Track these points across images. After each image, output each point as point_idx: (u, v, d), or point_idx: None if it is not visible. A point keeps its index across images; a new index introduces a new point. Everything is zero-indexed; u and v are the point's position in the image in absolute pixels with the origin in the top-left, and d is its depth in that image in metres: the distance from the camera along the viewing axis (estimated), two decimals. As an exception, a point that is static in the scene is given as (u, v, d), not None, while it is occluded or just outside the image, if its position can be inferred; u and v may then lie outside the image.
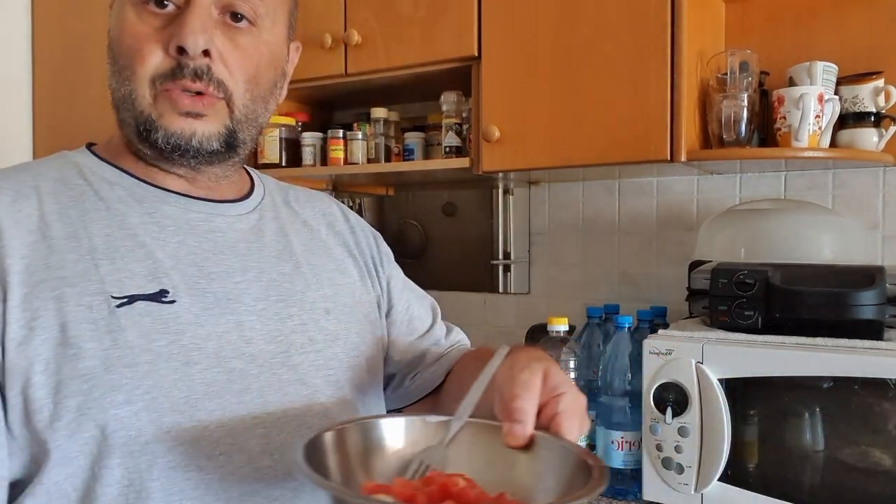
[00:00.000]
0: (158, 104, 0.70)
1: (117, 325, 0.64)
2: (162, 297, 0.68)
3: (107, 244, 0.68)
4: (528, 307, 1.84)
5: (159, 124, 0.70)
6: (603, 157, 1.35)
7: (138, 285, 0.67)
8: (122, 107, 0.72)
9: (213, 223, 0.75)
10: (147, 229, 0.71)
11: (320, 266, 0.82)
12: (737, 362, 1.14)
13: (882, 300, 1.11)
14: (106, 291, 0.65)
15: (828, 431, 1.13)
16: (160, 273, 0.69)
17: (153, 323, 0.66)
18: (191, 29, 0.68)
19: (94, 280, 0.66)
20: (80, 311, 0.64)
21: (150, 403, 0.63)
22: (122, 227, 0.70)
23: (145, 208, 0.72)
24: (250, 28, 0.72)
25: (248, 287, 0.74)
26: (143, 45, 0.69)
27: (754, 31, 1.51)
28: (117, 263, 0.67)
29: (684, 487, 1.16)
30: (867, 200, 1.47)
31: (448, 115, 1.61)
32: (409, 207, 2.00)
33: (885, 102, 1.35)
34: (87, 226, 0.69)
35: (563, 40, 1.38)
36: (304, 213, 0.87)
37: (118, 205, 0.72)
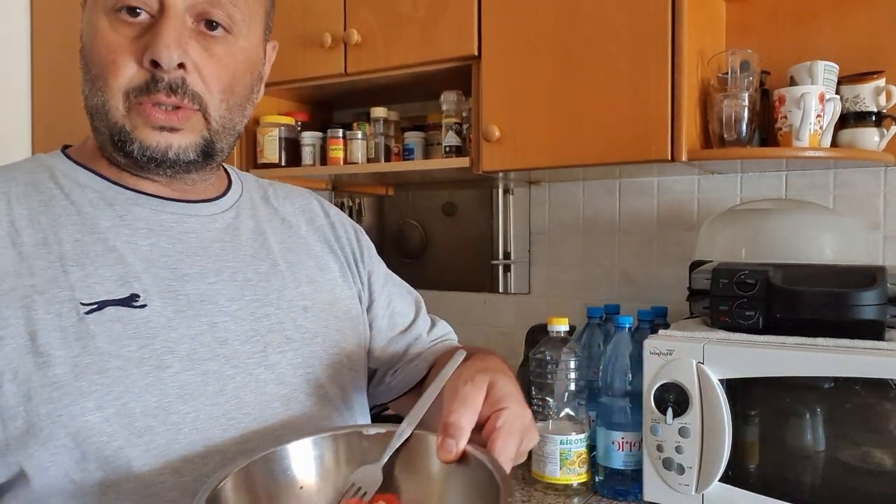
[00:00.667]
0: (132, 117, 0.69)
1: (86, 332, 0.64)
2: (133, 301, 0.67)
3: (77, 250, 0.67)
4: (528, 307, 1.83)
5: (134, 136, 0.69)
6: (603, 156, 1.35)
7: (108, 290, 0.66)
8: (96, 116, 0.70)
9: (187, 224, 0.75)
10: (118, 233, 0.70)
11: (298, 263, 0.81)
12: (738, 362, 1.13)
13: (883, 300, 1.11)
14: (75, 298, 0.65)
15: (829, 432, 1.13)
16: (131, 277, 0.68)
17: (124, 328, 0.65)
18: (165, 43, 0.66)
19: (63, 287, 0.65)
20: (50, 318, 0.63)
21: (121, 409, 0.63)
22: (92, 232, 0.69)
23: (117, 211, 0.72)
24: (226, 36, 0.71)
25: (223, 288, 0.73)
26: (117, 56, 0.67)
27: (755, 31, 1.51)
28: (87, 269, 0.67)
29: (685, 488, 1.16)
30: (868, 200, 1.47)
31: (448, 114, 1.61)
32: (409, 207, 2.00)
33: (886, 102, 1.35)
34: (57, 231, 0.68)
35: (563, 40, 1.38)
36: (284, 209, 0.86)
37: (89, 208, 0.71)
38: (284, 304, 0.77)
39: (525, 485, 1.34)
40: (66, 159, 0.75)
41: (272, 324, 0.74)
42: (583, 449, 1.32)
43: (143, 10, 0.67)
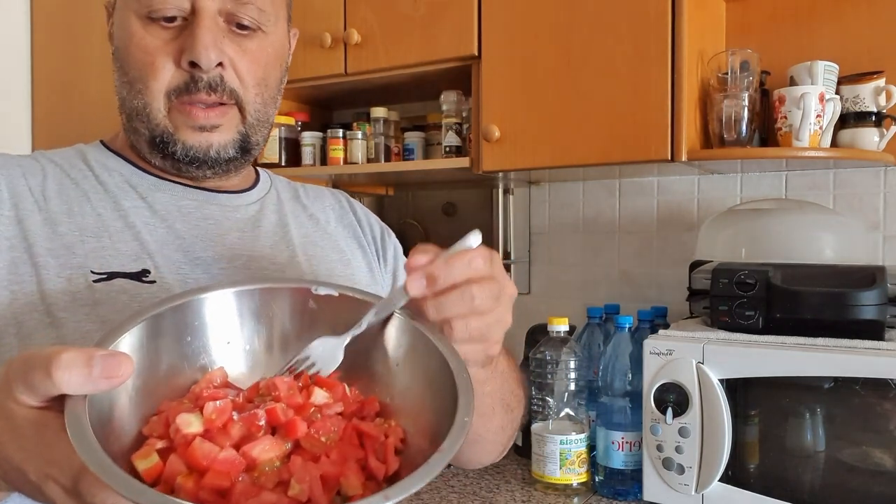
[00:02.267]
0: (173, 117, 0.71)
1: (92, 299, 0.66)
2: (143, 276, 0.69)
3: (97, 223, 0.70)
4: (528, 307, 1.83)
5: (177, 137, 0.72)
6: (603, 156, 1.35)
7: (121, 264, 0.69)
8: (136, 118, 0.73)
9: (206, 211, 0.77)
10: (138, 213, 0.73)
11: (319, 257, 0.83)
12: (737, 362, 1.13)
13: (883, 300, 1.11)
14: (86, 266, 0.67)
15: (828, 432, 1.13)
16: (144, 255, 0.70)
17: (129, 300, 0.67)
18: (203, 44, 0.69)
19: (78, 255, 0.68)
20: (60, 282, 0.66)
21: None
22: (114, 209, 0.72)
23: (140, 193, 0.75)
24: (256, 33, 0.73)
25: (235, 274, 0.74)
26: (155, 58, 0.70)
27: (755, 31, 1.51)
28: (103, 241, 0.69)
29: (685, 488, 1.16)
30: (868, 200, 1.47)
31: (448, 114, 1.61)
32: (409, 207, 2.00)
33: (885, 102, 1.35)
34: (82, 204, 0.71)
35: (563, 40, 1.38)
36: (313, 206, 0.88)
37: (114, 189, 0.74)
38: None
39: (525, 484, 1.34)
40: (101, 147, 0.79)
41: None
42: (583, 449, 1.32)
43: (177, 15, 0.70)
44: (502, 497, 1.28)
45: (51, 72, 2.24)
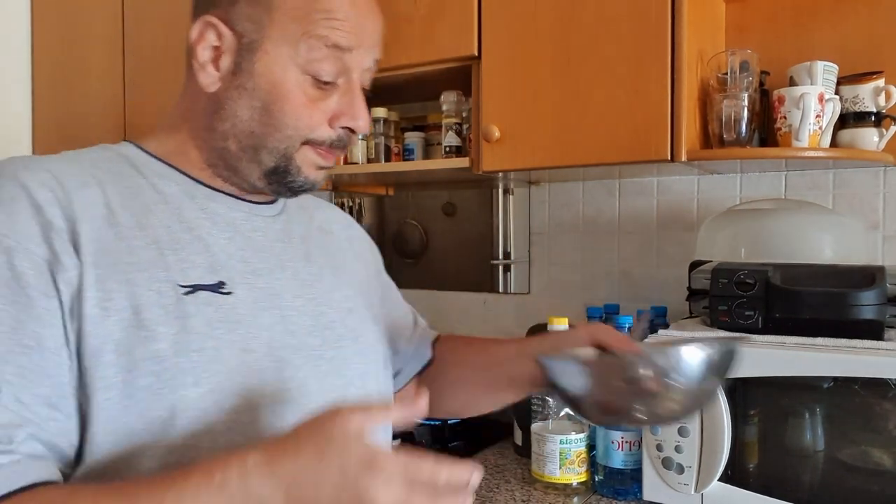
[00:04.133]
0: (302, 154, 0.78)
1: (185, 312, 0.69)
2: (220, 288, 0.73)
3: (168, 235, 0.72)
4: (528, 307, 1.84)
5: (300, 172, 0.78)
6: (603, 156, 1.35)
7: (200, 276, 0.72)
8: (265, 151, 0.77)
9: (254, 222, 0.81)
10: (201, 224, 0.76)
11: (339, 269, 0.89)
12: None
13: (882, 300, 1.11)
14: (173, 279, 0.70)
15: (828, 432, 1.13)
16: (217, 266, 0.74)
17: (214, 312, 0.71)
18: (361, 115, 0.78)
19: (160, 268, 0.70)
20: (151, 295, 0.68)
21: (214, 387, 0.68)
22: (179, 221, 0.75)
23: (198, 204, 0.78)
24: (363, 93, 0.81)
25: (287, 284, 0.80)
26: (314, 114, 0.76)
27: (754, 31, 1.51)
28: (180, 254, 0.72)
29: (684, 487, 1.16)
30: (868, 200, 1.47)
31: (448, 114, 1.61)
32: (409, 207, 2.00)
33: (885, 102, 1.35)
34: (148, 216, 0.73)
35: (563, 40, 1.38)
36: (318, 218, 0.93)
37: (173, 199, 0.76)
38: (334, 304, 0.84)
39: (525, 484, 1.34)
40: (143, 153, 0.79)
41: (327, 321, 0.81)
42: (582, 448, 1.32)
43: (334, 81, 0.77)
44: (502, 496, 1.28)
45: (51, 72, 2.24)
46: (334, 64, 0.76)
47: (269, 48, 0.75)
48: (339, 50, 0.75)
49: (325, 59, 0.75)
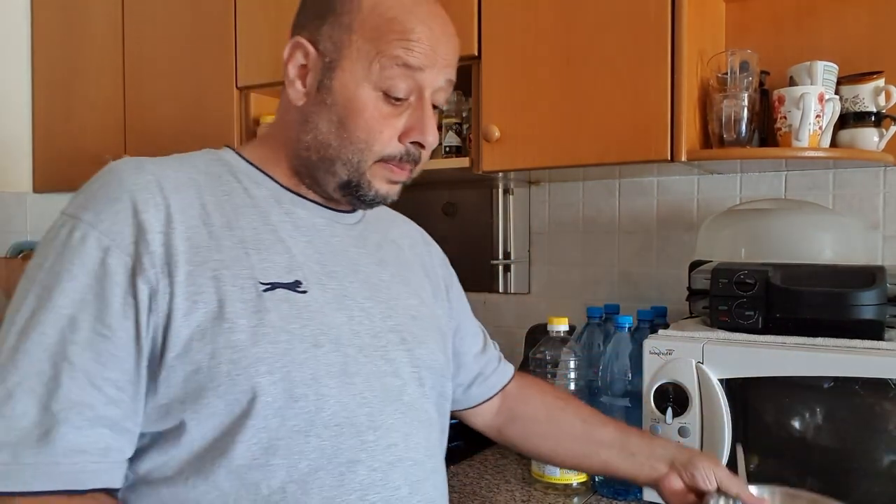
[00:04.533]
0: (374, 170, 0.84)
1: (263, 307, 0.76)
2: (296, 287, 0.79)
3: (254, 237, 0.80)
4: (528, 307, 1.84)
5: (372, 186, 0.85)
6: (603, 157, 1.35)
7: (278, 275, 0.79)
8: (340, 163, 0.84)
9: (334, 228, 0.89)
10: (284, 227, 0.83)
11: (407, 278, 0.95)
12: (737, 362, 1.13)
13: (882, 300, 1.11)
14: (255, 277, 0.77)
15: (828, 432, 1.13)
16: (295, 266, 0.81)
17: (290, 308, 0.77)
18: (431, 131, 0.84)
19: (245, 266, 0.77)
20: (235, 291, 0.75)
21: (285, 376, 0.74)
22: (265, 223, 0.82)
23: (284, 209, 0.85)
24: (437, 112, 0.88)
25: (358, 288, 0.86)
26: (384, 129, 0.82)
27: (754, 31, 1.51)
28: (263, 254, 0.79)
29: (684, 488, 1.16)
30: (868, 200, 1.47)
31: (448, 114, 1.61)
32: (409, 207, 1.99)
33: (885, 102, 1.35)
34: (238, 218, 0.80)
35: (563, 40, 1.38)
36: (391, 232, 1.01)
37: (262, 203, 0.84)
38: (400, 310, 0.89)
39: (525, 485, 1.34)
40: (240, 159, 0.87)
41: (391, 325, 0.87)
42: (582, 449, 1.32)
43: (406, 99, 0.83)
44: (502, 497, 1.28)
45: (51, 72, 2.24)
46: (405, 81, 0.82)
47: (347, 66, 0.82)
48: (410, 69, 0.81)
49: (397, 77, 0.81)
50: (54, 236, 0.74)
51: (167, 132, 1.94)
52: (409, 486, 0.82)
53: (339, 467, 0.76)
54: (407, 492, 0.81)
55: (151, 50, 1.98)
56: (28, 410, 0.68)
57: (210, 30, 1.86)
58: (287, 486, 0.74)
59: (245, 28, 1.79)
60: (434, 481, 0.87)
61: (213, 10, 1.85)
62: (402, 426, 0.82)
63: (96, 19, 2.10)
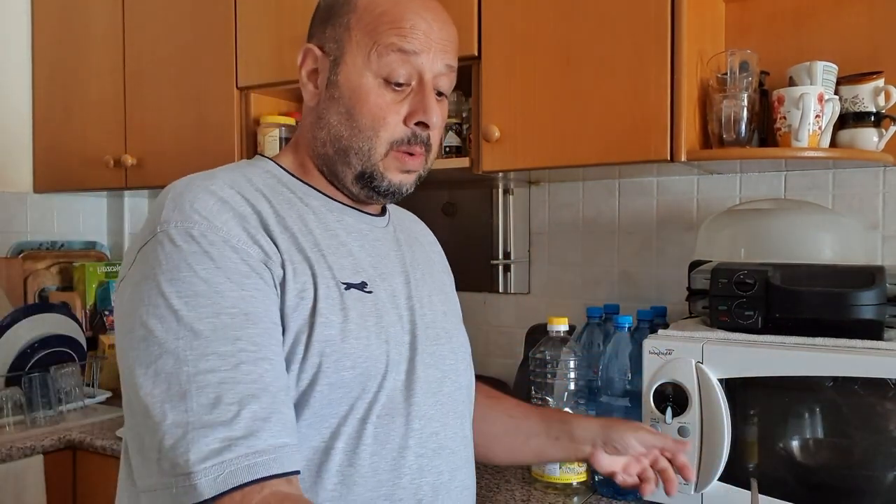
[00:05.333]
0: (387, 161, 0.88)
1: (346, 305, 0.81)
2: (364, 287, 0.85)
3: (325, 240, 0.85)
4: (528, 307, 1.84)
5: (384, 175, 0.88)
6: (603, 156, 1.35)
7: (349, 276, 0.84)
8: (353, 154, 0.88)
9: (375, 233, 0.94)
10: (339, 233, 0.88)
11: (433, 275, 1.01)
12: (737, 362, 1.14)
13: (882, 300, 1.11)
14: (336, 277, 0.83)
15: (828, 432, 1.13)
16: (359, 268, 0.87)
17: (363, 307, 0.83)
18: (433, 111, 0.87)
19: (325, 267, 0.82)
20: (324, 290, 0.80)
21: (364, 371, 0.81)
22: (326, 229, 0.87)
23: (336, 216, 0.90)
24: (444, 99, 0.92)
25: (401, 287, 0.91)
26: (388, 114, 0.86)
27: (754, 31, 1.51)
28: (335, 256, 0.85)
29: (684, 487, 1.16)
30: (867, 200, 1.47)
31: (448, 115, 1.60)
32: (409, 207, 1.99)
33: (885, 102, 1.35)
34: (303, 225, 0.85)
35: (563, 40, 1.38)
36: (413, 230, 1.06)
37: (318, 211, 0.89)
38: (433, 306, 0.95)
39: (525, 484, 1.34)
40: (284, 171, 0.91)
41: (429, 320, 0.93)
42: (582, 448, 1.32)
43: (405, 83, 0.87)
44: (502, 497, 1.29)
45: (51, 72, 2.24)
46: (403, 66, 0.86)
47: (349, 60, 0.87)
48: (405, 54, 0.85)
49: (395, 63, 0.85)
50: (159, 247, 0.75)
51: (167, 132, 1.94)
52: (450, 473, 0.88)
53: (392, 452, 0.82)
54: (448, 477, 0.87)
55: (151, 50, 1.98)
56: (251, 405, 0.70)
57: (210, 30, 1.86)
58: (346, 470, 0.79)
59: (245, 28, 1.79)
60: (468, 470, 0.93)
61: (214, 10, 1.85)
62: (440, 416, 0.88)
63: (96, 19, 2.10)
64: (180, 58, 1.92)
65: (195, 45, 1.89)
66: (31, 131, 2.28)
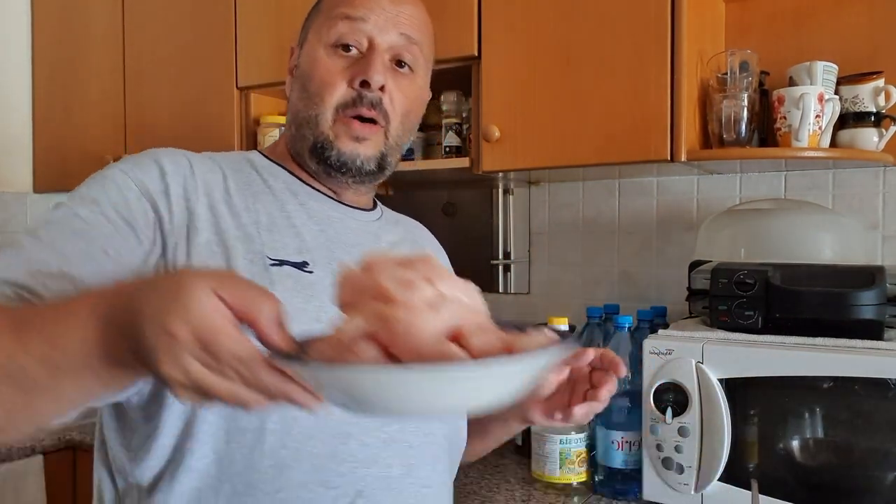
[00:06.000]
0: (336, 128, 0.88)
1: (269, 280, 0.80)
2: (304, 266, 0.84)
3: (269, 220, 0.86)
4: (528, 307, 1.84)
5: (334, 144, 0.88)
6: (603, 157, 1.35)
7: (288, 254, 0.84)
8: (305, 125, 0.90)
9: (347, 222, 0.93)
10: (298, 215, 0.89)
11: None
12: (737, 362, 1.14)
13: (882, 300, 1.11)
14: (264, 253, 0.82)
15: (828, 431, 1.13)
16: (304, 249, 0.86)
17: (294, 284, 0.82)
18: (375, 69, 0.86)
19: (256, 242, 0.83)
20: (245, 263, 0.80)
21: None
22: (281, 210, 0.88)
23: (299, 199, 0.91)
24: (409, 73, 0.91)
25: None
26: (334, 78, 0.88)
27: (754, 31, 1.51)
28: (274, 235, 0.85)
29: (684, 487, 1.16)
30: (867, 200, 1.47)
31: (448, 114, 1.61)
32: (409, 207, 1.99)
33: (885, 102, 1.35)
34: (255, 203, 0.86)
35: (563, 40, 1.38)
36: (414, 234, 1.07)
37: (279, 193, 0.90)
38: None
39: (525, 484, 1.34)
40: (261, 156, 0.95)
41: None
42: (582, 448, 1.32)
43: (355, 48, 0.88)
44: (502, 496, 1.29)
45: (51, 72, 2.24)
46: (352, 32, 0.87)
47: (307, 42, 0.92)
48: (352, 20, 0.87)
49: (342, 28, 0.87)
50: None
51: (167, 132, 1.94)
52: (404, 468, 0.83)
53: (332, 438, 0.79)
54: (400, 472, 0.83)
55: (151, 50, 1.98)
56: None
57: (210, 30, 1.86)
58: (279, 452, 0.76)
59: (245, 28, 1.79)
60: (433, 468, 0.87)
61: (214, 10, 1.85)
62: None
63: (96, 19, 2.10)
64: (180, 58, 1.92)
65: (195, 45, 1.89)
66: (31, 131, 2.28)
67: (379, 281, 0.53)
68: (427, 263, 0.56)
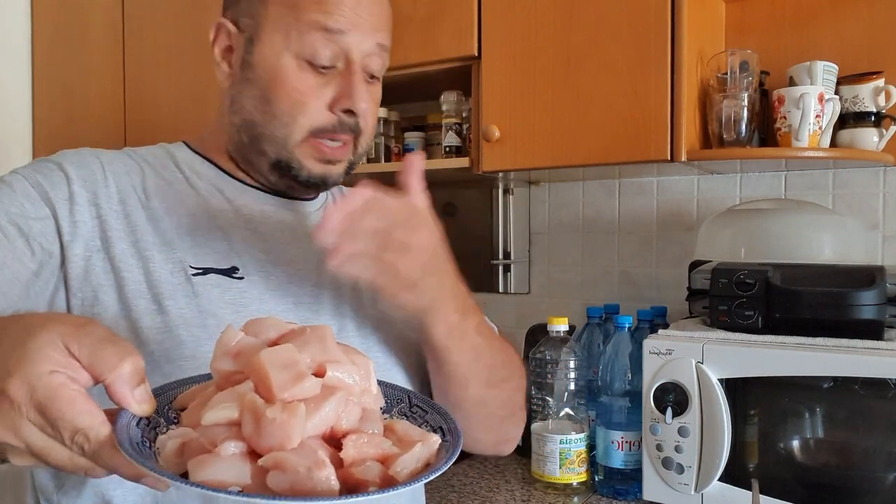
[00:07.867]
0: (304, 148, 0.79)
1: (192, 291, 0.74)
2: (233, 273, 0.77)
3: (192, 223, 0.79)
4: (528, 307, 1.84)
5: (303, 165, 0.80)
6: (603, 156, 1.35)
7: (214, 261, 0.77)
8: (266, 141, 0.80)
9: (282, 215, 0.85)
10: (225, 215, 0.81)
11: None
12: (737, 362, 1.14)
13: (882, 300, 1.11)
14: (185, 261, 0.75)
15: (828, 431, 1.13)
16: (233, 254, 0.79)
17: (222, 294, 0.75)
18: (360, 97, 0.78)
19: (177, 250, 0.76)
20: (164, 273, 0.74)
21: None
22: (205, 211, 0.80)
23: (226, 196, 0.83)
24: (376, 82, 0.83)
25: (308, 274, 0.82)
26: (309, 100, 0.78)
27: (754, 31, 1.51)
28: (198, 240, 0.78)
29: (684, 487, 1.16)
30: (867, 200, 1.47)
31: (448, 114, 1.61)
32: (409, 207, 1.99)
33: (885, 102, 1.35)
34: (177, 206, 0.79)
35: (563, 40, 1.38)
36: None
37: (203, 192, 0.82)
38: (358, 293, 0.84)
39: (525, 484, 1.34)
40: (187, 149, 0.87)
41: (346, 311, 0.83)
42: (582, 448, 1.32)
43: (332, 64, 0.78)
44: (502, 496, 1.29)
45: (51, 72, 2.24)
46: (328, 47, 0.77)
47: (265, 38, 0.78)
48: (330, 33, 0.77)
49: (318, 43, 0.77)
50: None
51: (167, 131, 1.93)
52: None
53: None
54: None
55: (151, 49, 1.98)
56: None
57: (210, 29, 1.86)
58: None
59: (245, 28, 1.79)
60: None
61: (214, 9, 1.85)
62: None
63: (96, 19, 2.10)
64: (180, 56, 1.92)
65: (195, 44, 1.89)
66: (31, 131, 2.28)
67: (263, 366, 0.48)
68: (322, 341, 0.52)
